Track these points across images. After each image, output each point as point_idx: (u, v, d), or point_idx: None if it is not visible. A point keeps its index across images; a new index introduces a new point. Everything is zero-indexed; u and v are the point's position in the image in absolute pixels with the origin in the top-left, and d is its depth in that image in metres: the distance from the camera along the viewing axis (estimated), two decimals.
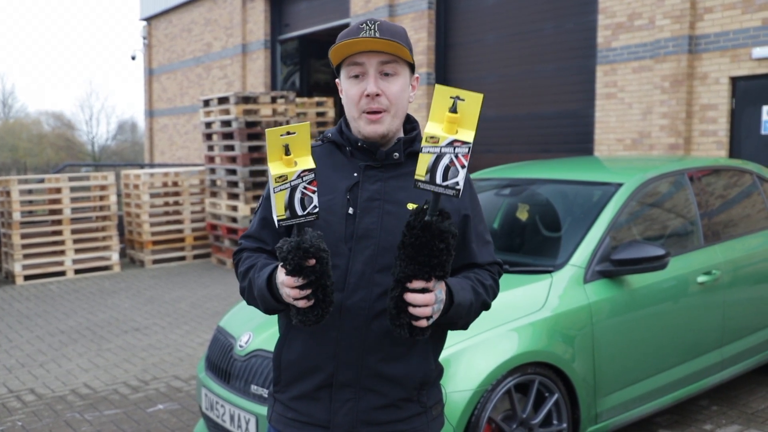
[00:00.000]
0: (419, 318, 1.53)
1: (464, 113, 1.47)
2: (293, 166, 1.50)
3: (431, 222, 1.48)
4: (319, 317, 1.55)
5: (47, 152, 39.88)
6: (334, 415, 1.72)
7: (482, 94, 1.48)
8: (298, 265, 1.49)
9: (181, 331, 6.51)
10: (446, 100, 1.47)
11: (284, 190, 1.49)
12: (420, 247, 1.48)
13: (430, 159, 1.47)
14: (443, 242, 1.48)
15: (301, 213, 1.51)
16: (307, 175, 1.50)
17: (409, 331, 1.54)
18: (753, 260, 4.37)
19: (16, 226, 8.99)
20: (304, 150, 1.52)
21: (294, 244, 1.50)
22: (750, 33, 7.62)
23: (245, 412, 3.16)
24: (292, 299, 1.55)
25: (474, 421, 2.99)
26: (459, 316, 1.67)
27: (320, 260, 1.50)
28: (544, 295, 3.37)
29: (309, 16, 14.74)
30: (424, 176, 1.48)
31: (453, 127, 1.47)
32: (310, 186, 1.51)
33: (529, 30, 10.27)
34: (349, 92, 1.73)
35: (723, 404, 4.44)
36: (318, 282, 1.52)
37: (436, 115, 1.48)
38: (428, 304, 1.52)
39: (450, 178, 1.47)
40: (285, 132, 1.50)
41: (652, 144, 8.41)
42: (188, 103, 18.41)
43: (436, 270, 1.50)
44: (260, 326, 3.39)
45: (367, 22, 1.69)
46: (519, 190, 4.46)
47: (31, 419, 4.47)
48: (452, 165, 1.47)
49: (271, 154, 1.50)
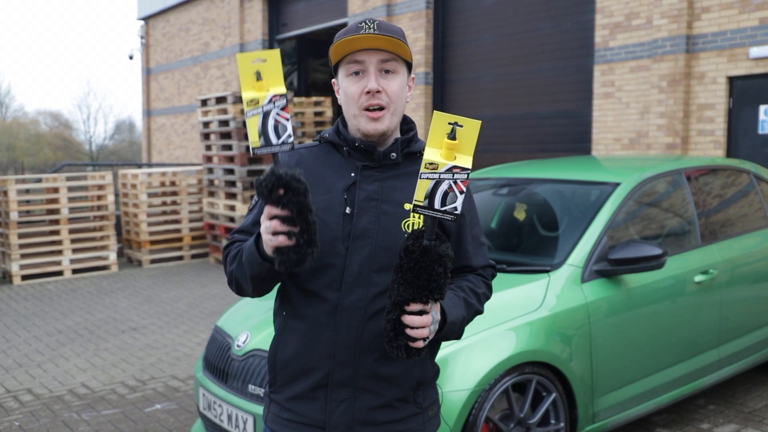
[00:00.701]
0: (416, 339, 1.54)
1: (462, 139, 1.48)
2: (266, 92, 1.50)
3: (430, 247, 1.49)
4: (301, 257, 1.50)
5: (45, 152, 39.81)
6: (330, 416, 1.72)
7: (480, 121, 1.49)
8: (273, 192, 1.46)
9: (178, 330, 6.51)
10: (444, 126, 1.48)
11: (257, 116, 1.48)
12: (419, 272, 1.49)
13: (429, 185, 1.48)
14: (441, 266, 1.49)
15: (276, 141, 1.50)
16: (279, 99, 1.49)
17: (406, 352, 1.55)
18: (750, 259, 4.37)
19: (14, 226, 8.98)
20: (276, 77, 1.50)
21: (269, 170, 1.48)
22: (747, 33, 7.63)
23: (243, 411, 3.16)
24: (271, 235, 1.50)
25: (472, 420, 3.00)
26: (452, 332, 1.69)
27: (295, 191, 1.47)
28: (541, 295, 3.37)
29: (307, 15, 14.74)
30: (422, 201, 1.49)
31: (451, 154, 1.48)
32: (283, 113, 1.50)
33: (527, 29, 10.27)
34: (349, 90, 1.73)
35: (720, 403, 4.45)
36: (300, 217, 1.48)
37: (434, 141, 1.49)
38: (425, 326, 1.53)
39: (449, 203, 1.48)
40: (257, 58, 1.49)
41: (649, 143, 8.42)
42: (186, 103, 18.40)
43: (434, 293, 1.51)
44: (258, 326, 3.39)
45: (365, 21, 1.69)
46: (516, 190, 4.46)
47: (29, 419, 4.47)
48: (451, 191, 1.48)
49: (243, 82, 1.49)
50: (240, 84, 1.50)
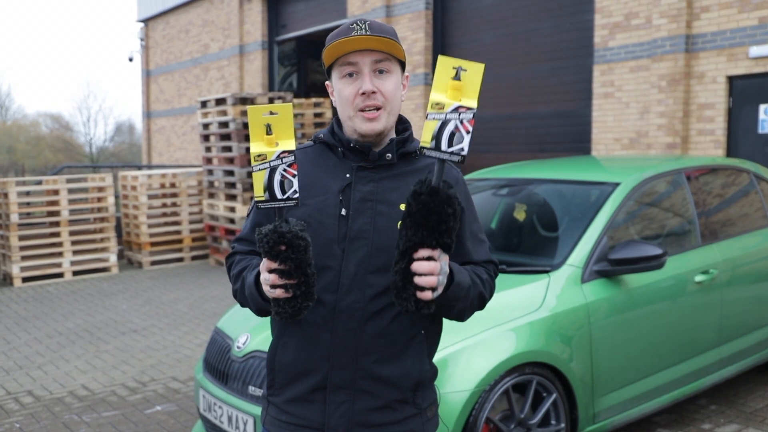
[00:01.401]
0: (424, 289, 1.50)
1: (467, 82, 1.48)
2: (274, 146, 1.49)
3: (439, 187, 1.47)
4: (297, 310, 1.51)
5: (45, 154, 39.83)
6: (328, 418, 1.71)
7: (483, 64, 1.49)
8: (273, 249, 1.46)
9: (179, 332, 6.51)
10: (449, 70, 1.48)
11: (263, 170, 1.48)
12: (429, 213, 1.46)
13: (436, 125, 1.47)
14: (451, 207, 1.46)
15: (281, 196, 1.49)
16: (287, 156, 1.49)
17: (414, 304, 1.51)
18: (750, 259, 4.37)
19: (14, 228, 8.98)
20: (286, 132, 1.50)
21: (272, 227, 1.47)
22: (747, 32, 7.63)
23: (243, 413, 3.16)
24: (269, 287, 1.52)
25: (472, 421, 2.99)
26: (457, 297, 1.65)
27: (296, 248, 1.47)
28: (541, 295, 3.37)
29: (306, 17, 14.74)
30: (429, 143, 1.48)
31: (457, 95, 1.48)
32: (290, 169, 1.49)
33: (526, 30, 10.27)
34: (344, 92, 1.72)
35: (721, 403, 4.44)
36: (298, 271, 1.48)
37: (439, 84, 1.49)
38: (434, 273, 1.49)
39: (455, 143, 1.47)
40: (267, 111, 1.48)
41: (649, 143, 8.42)
42: (186, 105, 18.40)
43: (443, 236, 1.48)
44: (258, 327, 3.39)
45: (357, 22, 1.68)
46: (516, 190, 4.45)
47: (29, 421, 4.47)
48: (457, 131, 1.47)
49: (252, 134, 1.48)
50: (249, 135, 1.50)
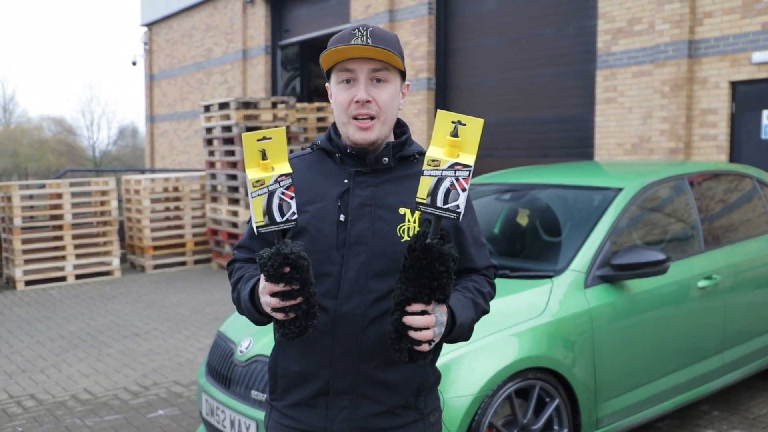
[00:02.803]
0: (421, 342, 1.51)
1: (465, 137, 1.48)
2: (270, 171, 1.51)
3: (432, 244, 1.48)
4: (302, 330, 1.53)
5: (48, 157, 39.90)
6: (331, 423, 1.71)
7: (483, 119, 1.49)
8: (277, 272, 1.48)
9: (181, 336, 6.51)
10: (448, 125, 1.48)
11: (262, 195, 1.50)
12: (420, 269, 1.48)
13: (432, 182, 1.48)
14: (443, 265, 1.48)
15: (280, 219, 1.51)
16: (285, 179, 1.51)
17: (409, 356, 1.53)
18: (754, 265, 4.36)
19: (17, 232, 9.00)
20: (280, 155, 1.52)
21: (274, 250, 1.49)
22: (750, 37, 7.63)
23: (246, 417, 3.16)
24: (270, 310, 1.53)
25: (475, 426, 2.99)
26: (461, 335, 1.67)
27: (300, 268, 1.49)
28: (544, 300, 3.37)
29: (309, 21, 14.77)
30: (425, 199, 1.49)
31: (454, 151, 1.48)
32: (288, 192, 1.51)
33: (529, 35, 10.28)
34: (339, 98, 1.72)
35: (724, 409, 4.43)
36: (302, 290, 1.50)
37: (438, 139, 1.49)
38: (428, 327, 1.50)
39: (451, 201, 1.48)
40: (261, 137, 1.50)
41: (652, 148, 8.42)
42: (189, 109, 18.44)
43: (435, 293, 1.49)
44: (261, 331, 3.39)
45: (359, 28, 1.68)
46: (519, 195, 4.46)
47: (32, 425, 4.47)
48: (453, 188, 1.48)
49: (248, 160, 1.50)
50: (245, 161, 1.51)
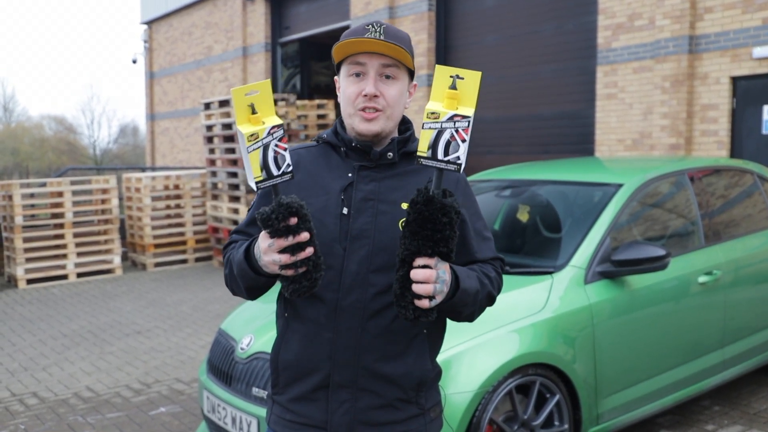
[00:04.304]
0: (422, 297, 1.51)
1: (464, 90, 1.50)
2: (262, 124, 1.52)
3: (434, 196, 1.49)
4: (314, 283, 1.53)
5: (49, 156, 39.91)
6: (331, 416, 1.72)
7: (480, 72, 1.51)
8: (283, 224, 1.47)
9: (182, 333, 6.52)
10: (446, 79, 1.50)
11: (258, 149, 1.50)
12: (423, 221, 1.48)
13: (432, 135, 1.49)
14: (446, 216, 1.48)
15: (276, 173, 1.52)
16: (277, 131, 1.52)
17: (413, 312, 1.52)
18: (754, 260, 4.36)
19: (18, 230, 9.01)
20: (268, 108, 1.54)
21: (275, 203, 1.49)
22: (750, 33, 7.61)
23: (247, 414, 3.17)
24: (278, 267, 1.52)
25: (475, 422, 3.00)
26: (464, 303, 1.66)
27: (304, 217, 1.49)
28: (544, 297, 3.37)
29: (309, 18, 14.76)
30: (426, 152, 1.50)
31: (453, 103, 1.50)
32: (281, 143, 1.53)
33: (529, 31, 10.27)
34: (347, 90, 1.74)
35: (725, 404, 4.44)
36: (311, 240, 1.50)
37: (437, 94, 1.51)
38: (429, 281, 1.51)
39: (451, 152, 1.49)
40: (249, 90, 1.52)
41: (652, 144, 8.41)
42: (189, 106, 18.44)
43: (439, 245, 1.49)
44: (261, 328, 3.40)
45: (373, 24, 1.70)
46: (519, 192, 4.46)
47: (34, 423, 4.48)
48: (453, 140, 1.49)
49: (238, 116, 1.52)
50: (235, 117, 1.52)
